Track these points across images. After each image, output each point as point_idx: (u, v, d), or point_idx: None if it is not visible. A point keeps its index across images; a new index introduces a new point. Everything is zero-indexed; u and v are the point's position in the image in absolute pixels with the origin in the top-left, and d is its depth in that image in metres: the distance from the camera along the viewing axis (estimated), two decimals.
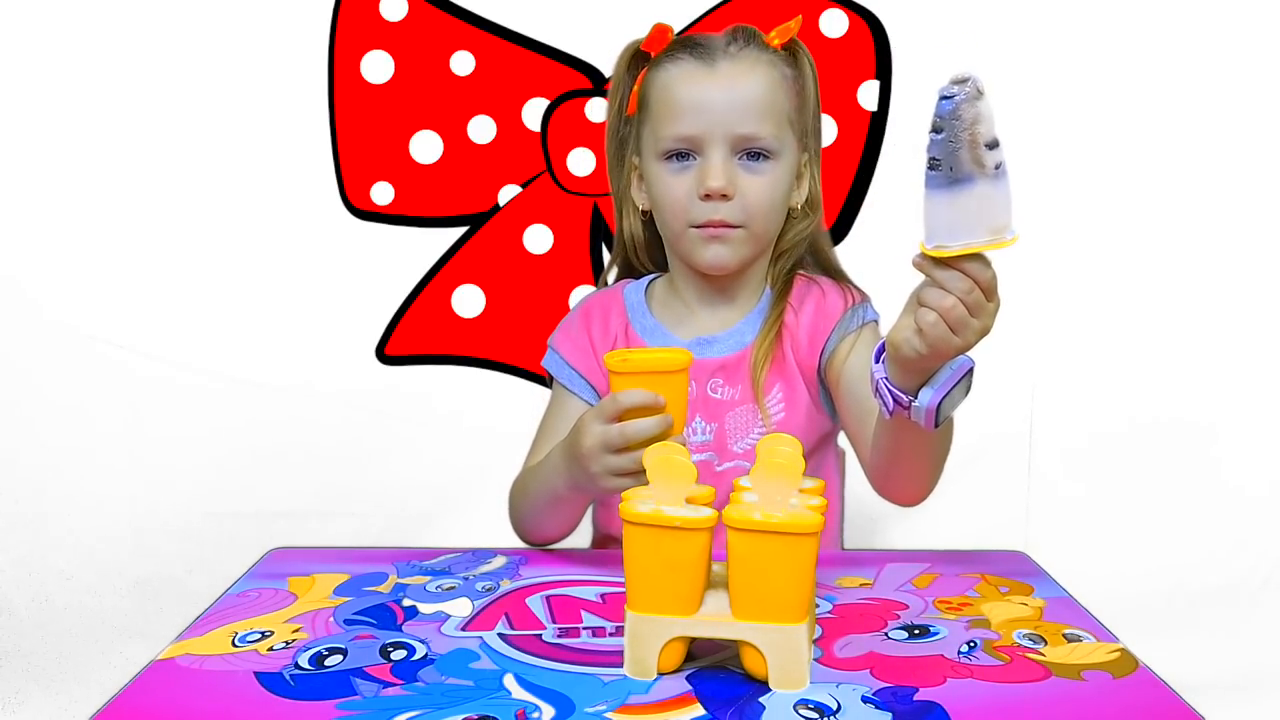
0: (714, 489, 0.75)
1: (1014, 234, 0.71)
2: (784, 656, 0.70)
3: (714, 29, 1.03)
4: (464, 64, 1.20)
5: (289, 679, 0.73)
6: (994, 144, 0.70)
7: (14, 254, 1.68)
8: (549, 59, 1.20)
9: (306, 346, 1.69)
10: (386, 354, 1.23)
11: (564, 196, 1.21)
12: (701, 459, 1.00)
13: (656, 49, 1.04)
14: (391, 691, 0.71)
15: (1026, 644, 0.78)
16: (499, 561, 0.97)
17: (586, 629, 0.81)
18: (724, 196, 0.98)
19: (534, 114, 1.21)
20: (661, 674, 0.72)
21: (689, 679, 0.72)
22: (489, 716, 0.67)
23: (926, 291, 0.74)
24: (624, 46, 1.06)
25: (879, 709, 0.68)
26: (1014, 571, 0.94)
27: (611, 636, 0.80)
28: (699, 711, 0.68)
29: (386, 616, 0.84)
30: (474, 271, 1.23)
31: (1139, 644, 0.79)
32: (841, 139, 1.17)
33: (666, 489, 0.72)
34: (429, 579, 0.93)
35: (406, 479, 1.71)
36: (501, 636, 0.80)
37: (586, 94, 1.19)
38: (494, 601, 0.87)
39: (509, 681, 0.72)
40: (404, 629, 0.82)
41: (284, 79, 1.47)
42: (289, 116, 1.44)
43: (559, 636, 0.80)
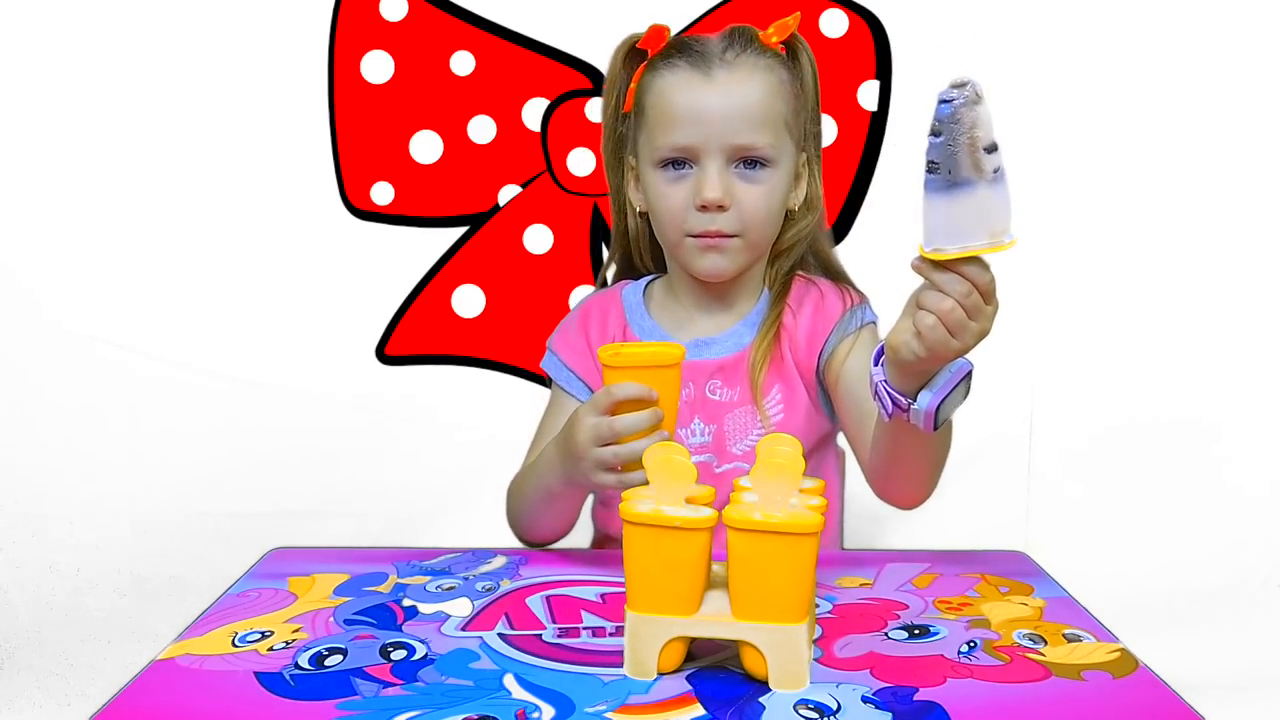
0: (714, 489, 0.75)
1: (1012, 238, 0.71)
2: (784, 656, 0.70)
3: (713, 29, 1.03)
4: (464, 64, 1.20)
5: (289, 679, 0.73)
6: (993, 148, 0.70)
7: (14, 254, 1.68)
8: (549, 59, 1.20)
9: (306, 346, 1.69)
10: (386, 354, 1.23)
11: (564, 196, 1.21)
12: (700, 460, 1.00)
13: (653, 48, 1.03)
14: (391, 691, 0.71)
15: (1026, 644, 0.78)
16: (499, 561, 0.97)
17: (586, 629, 0.81)
18: (720, 207, 0.97)
19: (534, 114, 1.21)
20: (661, 674, 0.72)
21: (689, 679, 0.72)
22: (489, 716, 0.67)
23: (925, 294, 0.74)
24: (619, 42, 1.06)
25: (879, 709, 0.68)
26: (1014, 571, 0.93)
27: (611, 636, 0.80)
28: (699, 711, 0.68)
29: (386, 616, 0.84)
30: (474, 271, 1.23)
31: (1139, 644, 0.79)
32: (841, 139, 1.17)
33: (666, 489, 0.72)
34: (429, 579, 0.93)
35: (406, 479, 1.71)
36: (501, 636, 0.80)
37: (586, 94, 1.19)
38: (494, 601, 0.87)
39: (509, 681, 0.72)
40: (404, 629, 0.82)
41: (284, 79, 1.47)
42: (289, 116, 1.44)
43: (559, 636, 0.80)
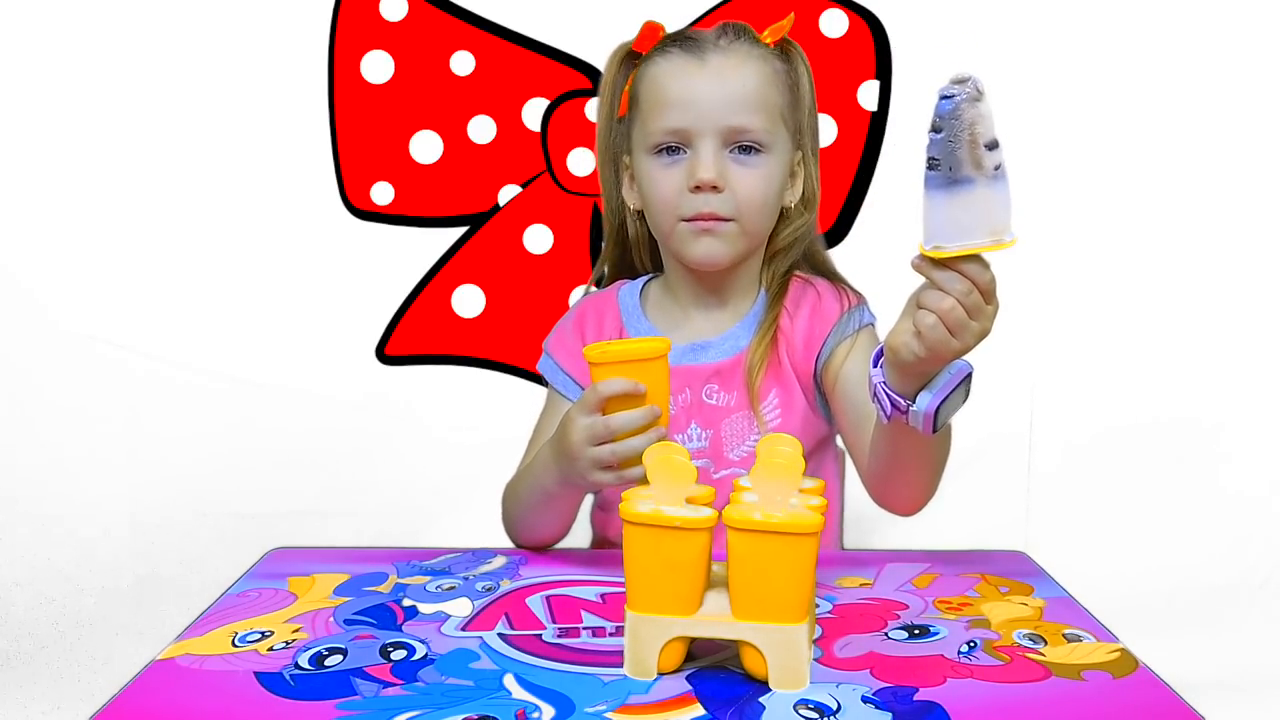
0: (714, 489, 0.75)
1: (1013, 236, 0.71)
2: (784, 656, 0.70)
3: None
4: (464, 64, 1.20)
5: (289, 679, 0.73)
6: (993, 145, 0.69)
7: (15, 254, 1.68)
8: (549, 59, 1.20)
9: (306, 346, 1.69)
10: (386, 354, 1.23)
11: (564, 196, 1.21)
12: (697, 465, 0.99)
13: (647, 48, 1.03)
14: (391, 691, 0.71)
15: (1026, 644, 0.78)
16: (499, 561, 0.97)
17: (586, 629, 0.81)
18: (714, 189, 0.96)
19: (534, 114, 1.21)
20: (661, 674, 0.72)
21: (689, 679, 0.72)
22: (489, 716, 0.67)
23: (925, 293, 0.74)
24: (614, 48, 1.06)
25: (879, 709, 0.68)
26: (1014, 571, 0.93)
27: (611, 636, 0.80)
28: (699, 711, 0.68)
29: (386, 616, 0.84)
30: (474, 271, 1.23)
31: (1139, 644, 0.79)
32: (841, 139, 1.17)
33: (666, 489, 0.72)
34: (429, 579, 0.93)
35: (406, 479, 1.72)
36: (501, 636, 0.80)
37: (586, 94, 1.19)
38: (494, 601, 0.87)
39: (509, 681, 0.72)
40: (404, 629, 0.82)
41: (284, 79, 1.47)
42: (289, 116, 1.44)
43: (559, 636, 0.80)
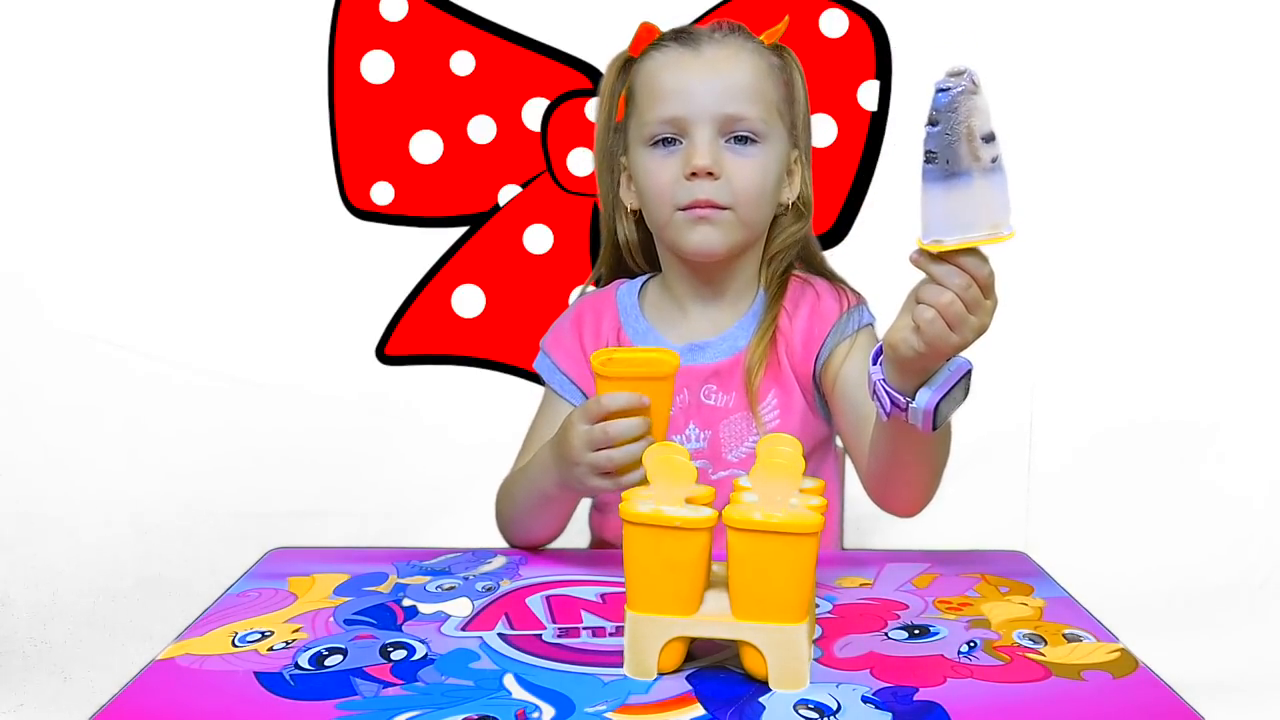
0: (714, 489, 0.75)
1: (1011, 229, 0.71)
2: (784, 656, 0.70)
3: None
4: (464, 64, 1.20)
5: (289, 679, 0.73)
6: (990, 137, 0.69)
7: (15, 254, 1.68)
8: (549, 59, 1.20)
9: (306, 346, 1.69)
10: (386, 354, 1.23)
11: (564, 196, 1.21)
12: (695, 466, 0.99)
13: (642, 48, 1.03)
14: (391, 691, 0.71)
15: (1026, 644, 0.78)
16: (499, 561, 0.97)
17: (586, 629, 0.81)
18: (710, 175, 0.96)
19: (534, 114, 1.21)
20: (661, 674, 0.72)
21: (689, 679, 0.72)
22: (489, 716, 0.67)
23: (924, 288, 0.73)
24: (613, 57, 1.06)
25: (879, 709, 0.68)
26: (1014, 571, 0.93)
27: (611, 636, 0.80)
28: (699, 711, 0.68)
29: (386, 616, 0.84)
30: (474, 271, 1.23)
31: (1139, 644, 0.79)
32: (841, 139, 1.17)
33: (666, 489, 0.72)
34: (429, 579, 0.93)
35: (406, 479, 1.72)
36: (501, 636, 0.80)
37: (586, 94, 1.19)
38: (494, 601, 0.87)
39: (509, 681, 0.72)
40: (404, 629, 0.82)
41: (284, 79, 1.47)
42: (289, 116, 1.44)
43: (559, 636, 0.80)
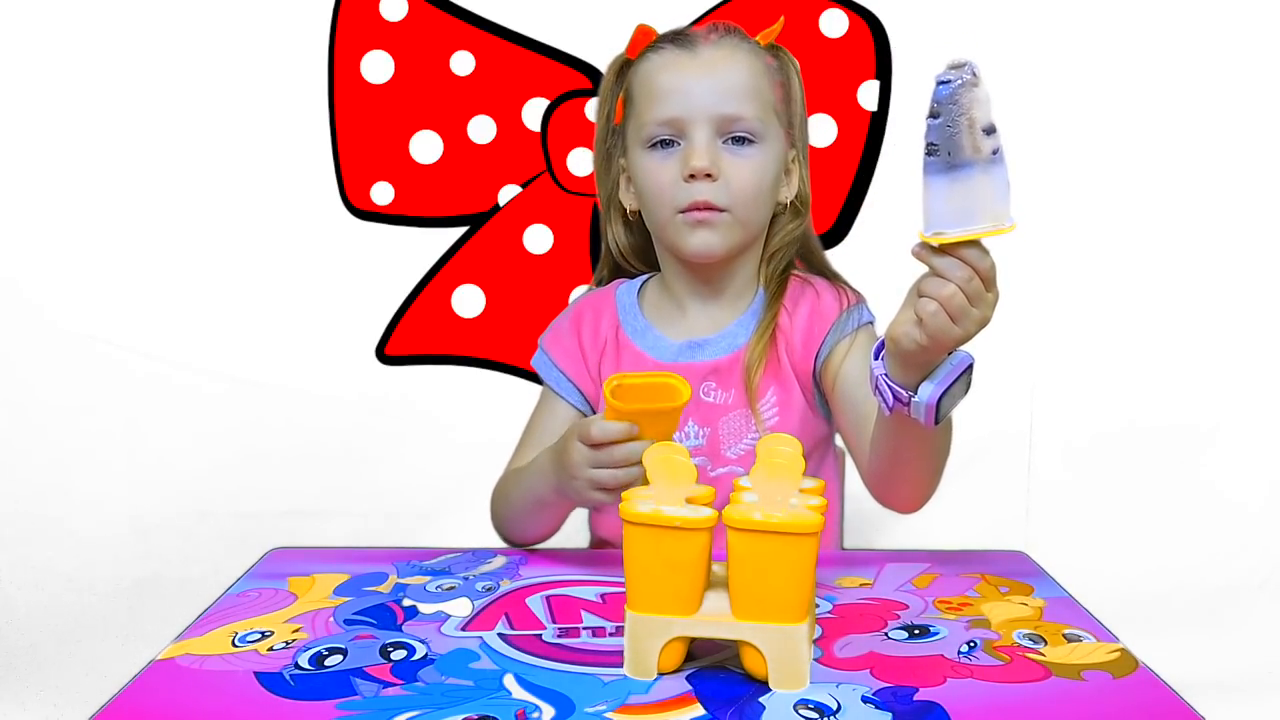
0: (714, 489, 0.75)
1: (1012, 221, 0.71)
2: (784, 656, 0.70)
3: None
4: (464, 64, 1.20)
5: (289, 679, 0.73)
6: (991, 129, 0.70)
7: (14, 254, 1.68)
8: (549, 59, 1.20)
9: (306, 346, 1.69)
10: (386, 354, 1.23)
11: (564, 196, 1.21)
12: (694, 463, 1.00)
13: (639, 50, 1.03)
14: (391, 691, 0.71)
15: (1026, 644, 0.78)
16: (499, 561, 0.97)
17: (586, 629, 0.81)
18: (708, 176, 0.96)
19: (534, 114, 1.21)
20: (661, 674, 0.72)
21: (689, 679, 0.72)
22: (489, 716, 0.67)
23: (926, 281, 0.74)
24: (611, 60, 1.06)
25: (879, 709, 0.68)
26: (1014, 571, 0.93)
27: (611, 636, 0.80)
28: (699, 711, 0.68)
29: (386, 616, 0.84)
30: (474, 271, 1.23)
31: (1139, 644, 0.79)
32: (841, 139, 1.17)
33: (666, 489, 0.72)
34: (429, 579, 0.93)
35: (406, 479, 1.72)
36: (501, 636, 0.80)
37: (586, 94, 1.19)
38: (494, 601, 0.87)
39: (509, 681, 0.72)
40: (404, 629, 0.82)
41: (284, 79, 1.47)
42: (289, 116, 1.44)
43: (559, 636, 0.80)
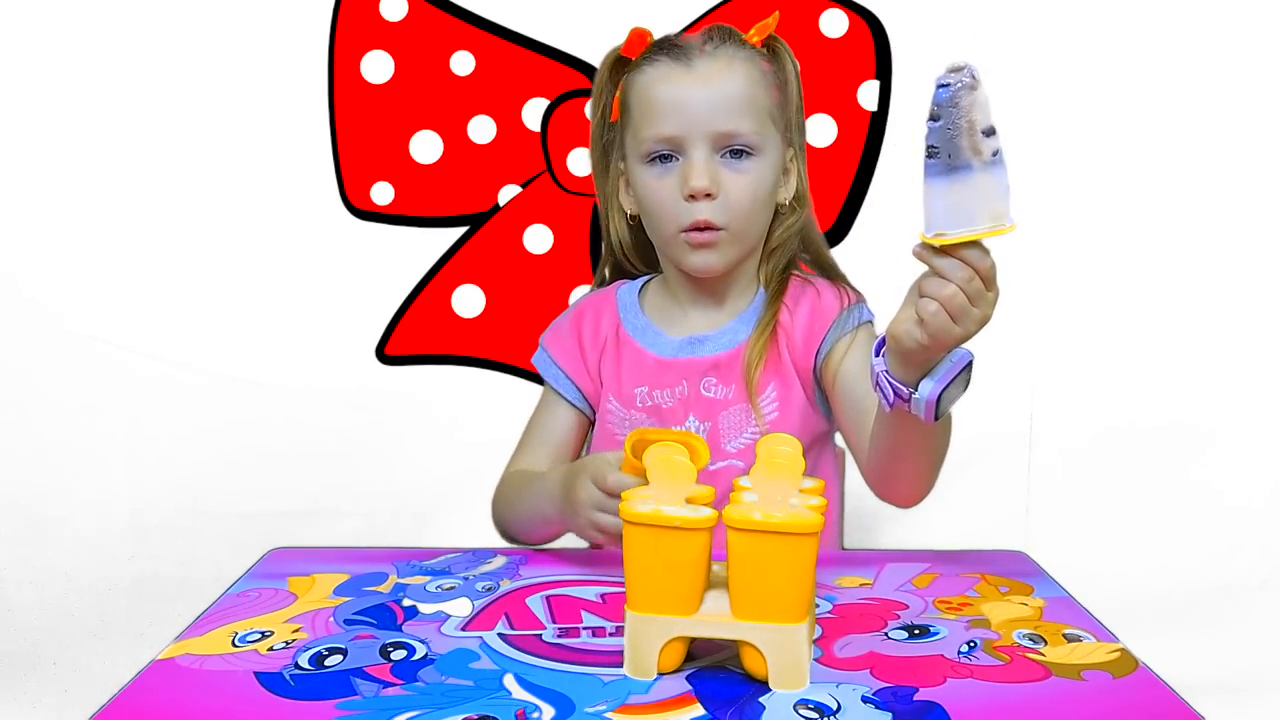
0: (714, 489, 0.75)
1: (1013, 221, 0.71)
2: (784, 656, 0.70)
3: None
4: (464, 64, 1.20)
5: (289, 679, 0.73)
6: (991, 131, 0.70)
7: (14, 254, 1.68)
8: (549, 59, 1.20)
9: (307, 346, 1.69)
10: (386, 354, 1.23)
11: (564, 196, 1.21)
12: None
13: (635, 53, 1.04)
14: (391, 691, 0.71)
15: (1026, 644, 0.78)
16: (499, 561, 0.97)
17: (586, 629, 0.81)
18: (708, 195, 0.97)
19: (534, 114, 1.21)
20: (661, 674, 0.72)
21: (689, 679, 0.72)
22: (489, 716, 0.67)
23: (927, 281, 0.74)
24: (605, 54, 1.07)
25: (879, 709, 0.68)
26: (1014, 571, 0.93)
27: (611, 636, 0.80)
28: (699, 711, 0.68)
29: (386, 616, 0.84)
30: (474, 271, 1.23)
31: (1139, 644, 0.79)
32: (841, 139, 1.17)
33: (666, 489, 0.72)
34: (429, 579, 0.93)
35: (407, 479, 1.71)
36: (501, 636, 0.80)
37: (586, 94, 1.19)
38: (494, 601, 0.87)
39: (509, 681, 0.72)
40: (404, 629, 0.82)
41: (284, 79, 1.47)
42: (289, 116, 1.44)
43: (559, 636, 0.80)
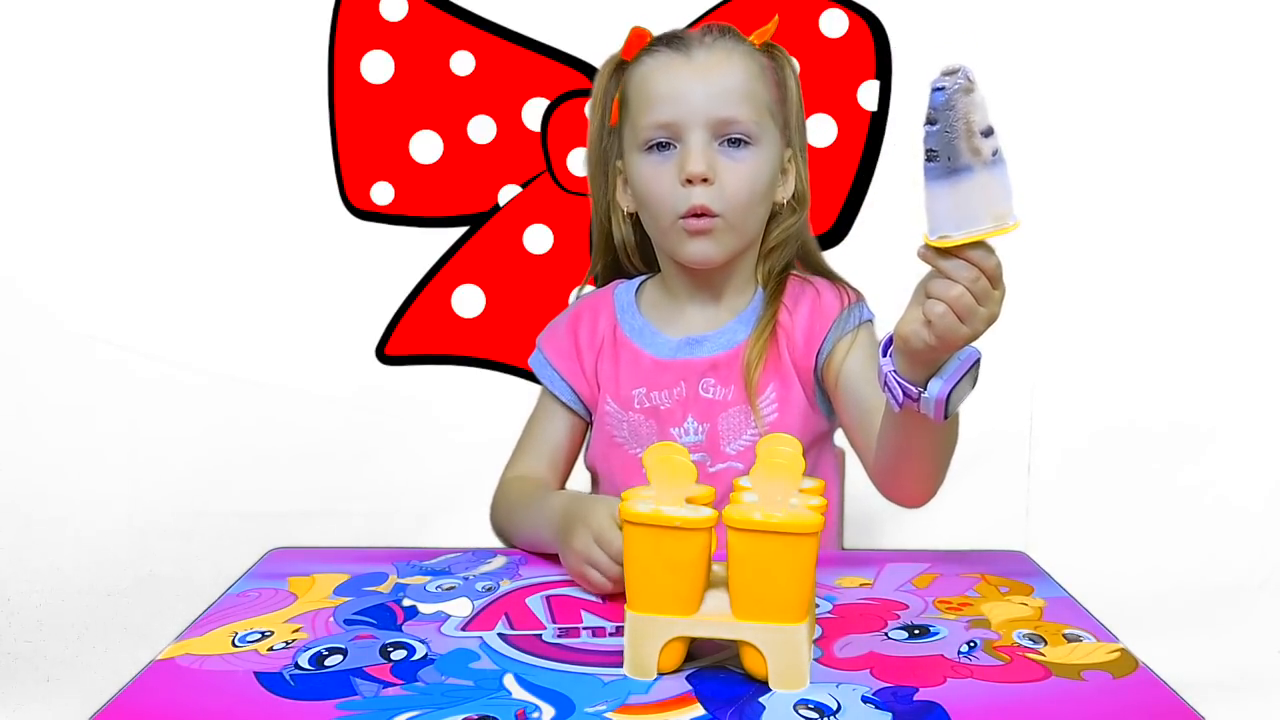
0: (714, 489, 0.75)
1: (1016, 219, 0.71)
2: (784, 656, 0.70)
3: None
4: (464, 64, 1.20)
5: (289, 679, 0.73)
6: (989, 131, 0.70)
7: (14, 254, 1.68)
8: (549, 59, 1.20)
9: (306, 346, 1.69)
10: (386, 354, 1.23)
11: (564, 196, 1.21)
12: (693, 459, 1.00)
13: (634, 53, 1.04)
14: (391, 691, 0.71)
15: (1026, 644, 0.78)
16: (499, 561, 0.97)
17: (586, 629, 0.81)
18: (705, 181, 0.97)
19: (534, 114, 1.21)
20: (661, 674, 0.72)
21: (689, 679, 0.72)
22: (489, 716, 0.67)
23: (933, 282, 0.74)
24: (605, 59, 1.06)
25: (879, 709, 0.68)
26: (1014, 571, 0.93)
27: (611, 636, 0.80)
28: (699, 711, 0.68)
29: (386, 616, 0.84)
30: (474, 271, 1.23)
31: (1139, 644, 0.79)
32: (841, 139, 1.17)
33: (666, 489, 0.72)
34: (429, 579, 0.93)
35: (406, 479, 1.72)
36: (501, 636, 0.80)
37: (586, 94, 1.19)
38: (494, 601, 0.87)
39: (509, 681, 0.72)
40: (404, 629, 0.82)
41: (284, 79, 1.47)
42: (289, 116, 1.44)
43: (559, 636, 0.80)
